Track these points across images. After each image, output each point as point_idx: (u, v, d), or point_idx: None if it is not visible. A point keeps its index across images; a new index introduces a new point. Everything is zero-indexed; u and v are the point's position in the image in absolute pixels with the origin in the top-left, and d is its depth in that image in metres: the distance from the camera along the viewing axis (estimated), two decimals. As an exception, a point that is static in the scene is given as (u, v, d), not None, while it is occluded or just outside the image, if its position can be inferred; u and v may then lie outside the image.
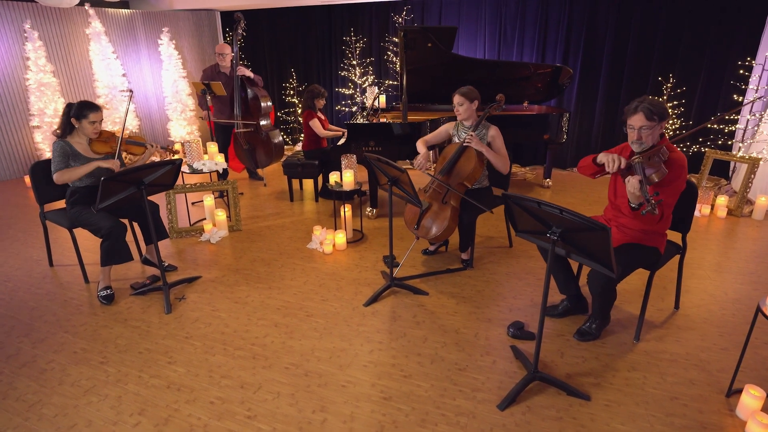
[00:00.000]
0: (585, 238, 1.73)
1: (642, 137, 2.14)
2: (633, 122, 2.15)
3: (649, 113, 2.09)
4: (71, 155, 2.79)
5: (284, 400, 2.03)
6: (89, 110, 2.78)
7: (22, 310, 2.77)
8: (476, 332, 2.52)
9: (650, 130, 2.12)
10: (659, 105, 2.11)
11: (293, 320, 2.65)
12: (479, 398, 2.04)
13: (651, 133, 2.13)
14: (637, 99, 2.17)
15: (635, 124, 2.14)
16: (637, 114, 2.12)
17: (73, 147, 2.79)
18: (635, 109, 2.13)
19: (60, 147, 2.76)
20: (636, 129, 2.14)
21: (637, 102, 2.15)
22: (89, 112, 2.77)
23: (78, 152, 2.81)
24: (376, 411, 1.97)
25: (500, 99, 3.22)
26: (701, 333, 2.50)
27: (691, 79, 4.95)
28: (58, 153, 2.76)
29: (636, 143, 2.18)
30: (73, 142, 2.81)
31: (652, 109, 2.09)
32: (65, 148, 2.77)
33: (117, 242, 2.78)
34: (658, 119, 2.10)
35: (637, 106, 2.13)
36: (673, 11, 4.87)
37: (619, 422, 1.90)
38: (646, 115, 2.10)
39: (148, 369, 2.24)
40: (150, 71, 6.33)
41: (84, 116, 2.77)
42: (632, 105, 2.16)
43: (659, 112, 2.10)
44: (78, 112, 2.77)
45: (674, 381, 2.14)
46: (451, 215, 2.97)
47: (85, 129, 2.79)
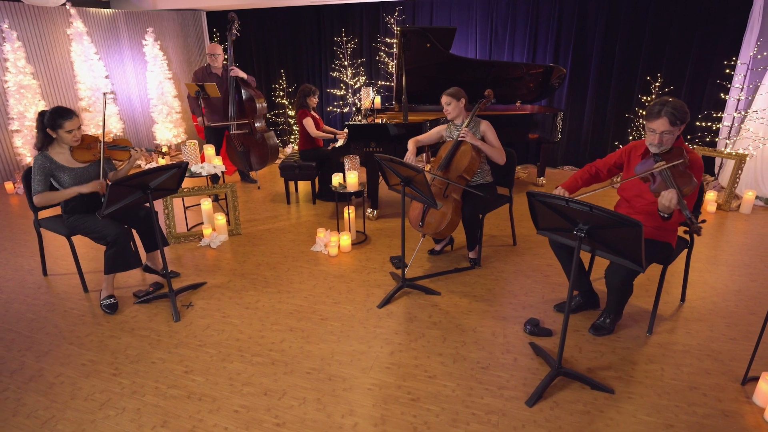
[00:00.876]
0: (613, 234, 1.76)
1: (663, 141, 2.14)
2: (655, 126, 2.12)
3: (673, 118, 2.07)
4: (55, 168, 2.66)
5: (311, 406, 1.99)
6: (63, 118, 2.59)
7: (20, 323, 2.64)
8: (493, 330, 2.53)
9: (672, 134, 2.12)
10: (682, 109, 2.09)
11: (308, 324, 2.61)
12: (506, 396, 2.05)
13: (672, 138, 2.14)
14: (659, 101, 2.13)
15: (657, 128, 2.11)
16: (661, 119, 2.09)
17: (54, 160, 2.65)
18: (658, 113, 2.10)
19: (39, 164, 2.62)
20: (658, 133, 2.12)
21: (659, 105, 2.11)
22: (63, 121, 2.59)
23: (60, 164, 2.67)
24: (406, 413, 1.95)
25: (488, 94, 3.28)
26: (709, 324, 2.57)
27: (677, 78, 5.11)
28: (38, 170, 2.62)
29: (654, 146, 2.19)
30: (53, 153, 2.67)
31: (675, 114, 2.07)
32: (45, 165, 2.62)
33: (124, 249, 2.68)
34: (680, 123, 2.10)
35: (660, 109, 2.09)
36: (660, 12, 5.01)
37: (644, 414, 1.94)
38: (671, 120, 2.08)
39: (165, 379, 2.17)
40: (134, 72, 6.15)
41: (59, 126, 2.59)
42: (654, 108, 2.12)
43: (682, 117, 2.09)
44: (52, 122, 2.59)
45: (690, 371, 2.20)
46: (454, 209, 2.99)
47: (63, 139, 2.64)
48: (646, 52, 5.19)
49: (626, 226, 1.64)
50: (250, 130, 4.87)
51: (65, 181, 2.70)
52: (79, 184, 2.73)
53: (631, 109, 5.42)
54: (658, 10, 5.02)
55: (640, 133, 5.37)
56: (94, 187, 2.69)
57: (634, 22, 5.16)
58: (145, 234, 2.97)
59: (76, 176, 2.72)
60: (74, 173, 2.71)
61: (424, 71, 4.64)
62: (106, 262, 2.69)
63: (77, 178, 2.73)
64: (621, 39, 5.25)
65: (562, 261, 2.60)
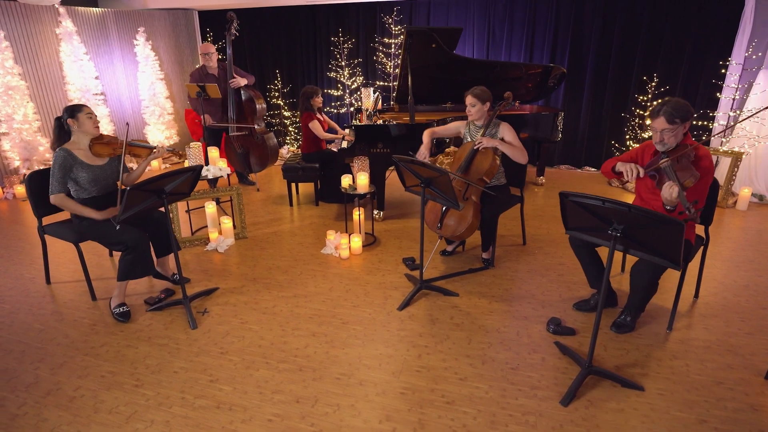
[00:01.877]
0: (651, 233, 1.77)
1: (665, 139, 2.20)
2: (655, 125, 2.20)
3: (671, 117, 2.15)
4: (75, 164, 2.58)
5: (346, 412, 1.96)
6: (79, 106, 2.61)
7: (28, 333, 2.53)
8: (517, 330, 2.54)
9: (672, 132, 2.18)
10: (682, 107, 2.16)
11: (330, 329, 2.57)
12: (540, 396, 2.05)
13: (673, 135, 2.19)
14: (662, 101, 2.23)
15: (657, 127, 2.20)
16: (659, 118, 2.18)
17: (74, 155, 2.59)
18: (657, 113, 2.19)
19: (61, 158, 2.55)
20: (658, 131, 2.20)
21: (659, 105, 2.20)
22: (81, 106, 2.62)
23: (81, 160, 2.60)
24: (443, 416, 1.94)
25: (508, 96, 3.28)
26: (724, 320, 2.63)
27: (672, 78, 5.22)
28: (59, 167, 2.54)
29: (660, 144, 2.24)
30: (72, 149, 2.60)
31: (673, 113, 2.15)
32: (66, 160, 2.55)
33: (144, 254, 2.61)
34: (680, 121, 2.16)
35: (659, 109, 2.18)
36: (655, 13, 5.11)
37: (677, 410, 1.97)
38: (668, 119, 2.16)
39: (190, 389, 2.10)
40: (124, 73, 5.99)
41: (78, 110, 2.59)
42: (655, 108, 2.21)
43: (681, 115, 2.15)
44: (70, 112, 2.59)
45: (714, 366, 2.24)
46: (474, 212, 2.99)
47: (84, 125, 2.59)
48: (641, 52, 5.29)
49: (668, 225, 1.66)
50: (249, 131, 4.79)
51: (83, 178, 2.61)
52: (96, 183, 2.65)
53: (626, 108, 5.52)
54: (653, 12, 5.12)
55: (635, 132, 5.48)
56: (109, 214, 2.64)
57: (629, 22, 5.25)
58: (158, 239, 2.88)
59: (94, 174, 2.64)
60: (92, 171, 2.63)
61: (425, 71, 4.63)
62: (121, 268, 2.60)
63: (95, 177, 2.64)
64: (617, 39, 5.35)
65: (582, 260, 2.63)
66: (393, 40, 6.04)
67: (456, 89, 4.92)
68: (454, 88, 4.87)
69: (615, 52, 5.40)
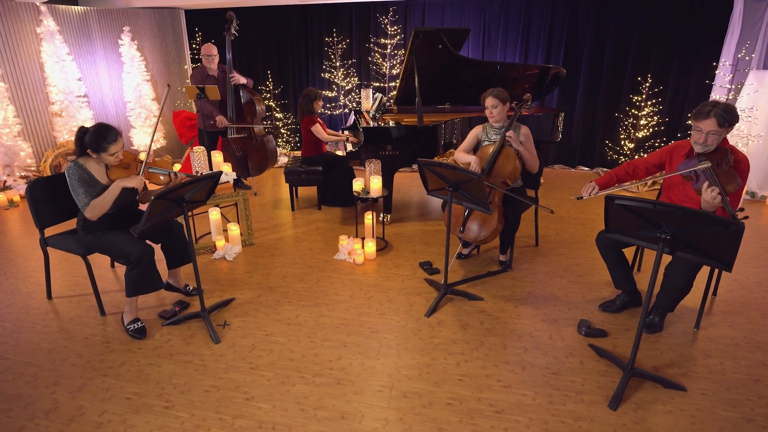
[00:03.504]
0: (702, 236, 1.77)
1: (708, 141, 2.19)
2: (703, 126, 2.18)
3: (722, 120, 2.13)
4: (88, 182, 2.40)
5: (396, 427, 1.89)
6: (107, 141, 2.32)
7: (37, 354, 2.36)
8: (549, 334, 2.53)
9: (718, 135, 2.18)
10: (732, 111, 2.15)
11: (360, 338, 2.49)
12: (587, 401, 2.03)
13: (718, 138, 2.20)
14: (710, 102, 2.20)
15: (705, 128, 2.17)
16: (710, 119, 2.15)
17: (89, 171, 2.41)
18: (707, 114, 2.15)
19: (76, 173, 2.36)
20: (704, 133, 2.18)
21: (710, 106, 2.17)
22: (108, 145, 2.33)
23: (94, 178, 2.42)
24: (496, 426, 1.89)
25: (527, 98, 3.27)
26: (746, 317, 2.69)
27: (664, 78, 5.35)
28: (78, 183, 2.35)
29: (699, 145, 2.25)
30: (88, 165, 2.41)
31: (725, 116, 2.13)
32: (82, 174, 2.37)
33: (148, 269, 2.45)
34: (728, 125, 2.16)
35: (710, 110, 2.15)
36: (647, 15, 5.23)
37: (722, 409, 1.99)
38: (719, 121, 2.14)
39: (226, 409, 1.99)
40: (107, 74, 5.71)
41: (103, 150, 2.34)
42: (704, 108, 2.18)
43: (730, 119, 2.15)
44: (95, 146, 2.33)
45: (747, 364, 2.28)
46: (498, 215, 2.96)
47: (105, 160, 2.40)
48: (634, 53, 5.41)
49: (727, 227, 1.66)
50: (248, 133, 4.65)
51: (93, 195, 2.44)
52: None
53: (620, 108, 5.63)
54: (645, 13, 5.24)
55: (629, 132, 5.59)
56: (138, 182, 2.43)
57: (622, 24, 5.35)
58: (171, 249, 2.73)
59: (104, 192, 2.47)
60: (103, 189, 2.44)
61: (425, 72, 4.58)
62: (128, 283, 2.45)
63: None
64: (610, 40, 5.44)
65: (609, 262, 2.64)
66: (389, 40, 5.97)
67: (455, 90, 4.91)
68: (453, 89, 4.85)
69: (609, 52, 5.50)
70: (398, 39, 5.97)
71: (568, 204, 4.69)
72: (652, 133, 5.44)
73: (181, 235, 2.73)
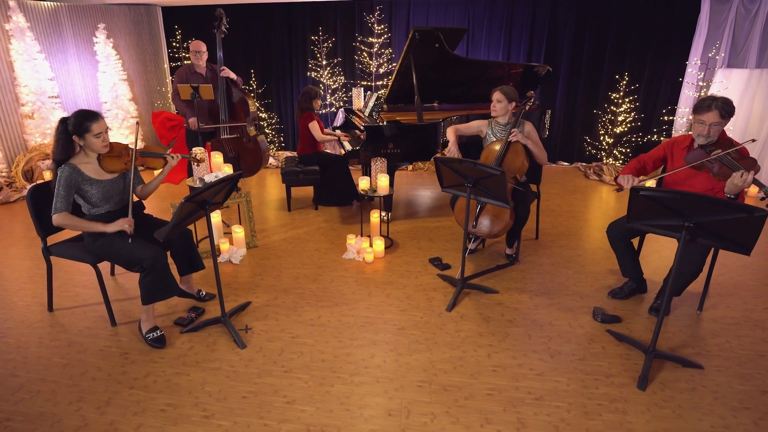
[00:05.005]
0: (724, 223, 1.90)
1: (711, 132, 2.37)
2: (705, 118, 2.35)
3: (723, 111, 2.31)
4: (82, 181, 2.30)
5: (444, 420, 1.92)
6: (88, 120, 2.26)
7: (51, 370, 2.23)
8: (568, 322, 2.63)
9: (720, 126, 2.36)
10: (730, 103, 2.33)
11: (388, 336, 2.51)
12: (617, 383, 2.14)
13: (719, 129, 2.38)
14: (709, 97, 2.37)
15: (707, 120, 2.34)
16: (711, 111, 2.32)
17: (81, 171, 2.30)
18: (709, 107, 2.32)
19: (66, 176, 2.25)
20: (707, 125, 2.35)
21: (710, 100, 2.34)
22: (90, 123, 2.26)
23: (89, 176, 2.32)
24: (538, 413, 1.96)
25: (531, 96, 3.38)
26: (740, 298, 2.89)
27: (639, 77, 5.63)
28: (64, 184, 2.25)
29: (702, 137, 2.41)
30: (80, 164, 2.31)
31: (725, 107, 2.31)
32: (72, 177, 2.27)
33: (163, 274, 2.35)
34: (728, 116, 2.34)
35: (711, 103, 2.32)
36: (622, 17, 5.49)
37: (738, 383, 2.14)
38: (721, 113, 2.31)
39: (269, 414, 1.96)
40: (80, 73, 5.41)
41: (86, 129, 2.26)
42: (705, 102, 2.35)
43: (730, 110, 2.33)
44: (77, 127, 2.25)
45: (751, 341, 2.46)
46: (510, 211, 3.04)
47: (91, 145, 2.29)
48: (610, 53, 5.67)
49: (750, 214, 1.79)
50: (241, 133, 4.54)
51: (93, 195, 2.33)
52: (109, 198, 2.39)
53: (598, 105, 5.89)
54: (619, 16, 5.50)
55: (607, 128, 5.85)
56: (121, 225, 2.33)
57: (599, 25, 5.60)
58: (182, 256, 2.64)
59: (104, 190, 2.36)
60: (102, 186, 2.35)
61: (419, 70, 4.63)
62: (143, 291, 2.35)
63: (105, 192, 2.37)
64: (588, 41, 5.68)
65: (618, 251, 2.77)
66: (376, 39, 5.98)
67: (444, 88, 4.98)
68: (442, 88, 4.92)
69: (587, 52, 5.73)
70: (384, 38, 5.99)
71: (557, 198, 4.86)
72: (629, 128, 5.72)
73: (190, 241, 2.65)
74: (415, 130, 3.94)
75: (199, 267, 2.67)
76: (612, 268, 3.27)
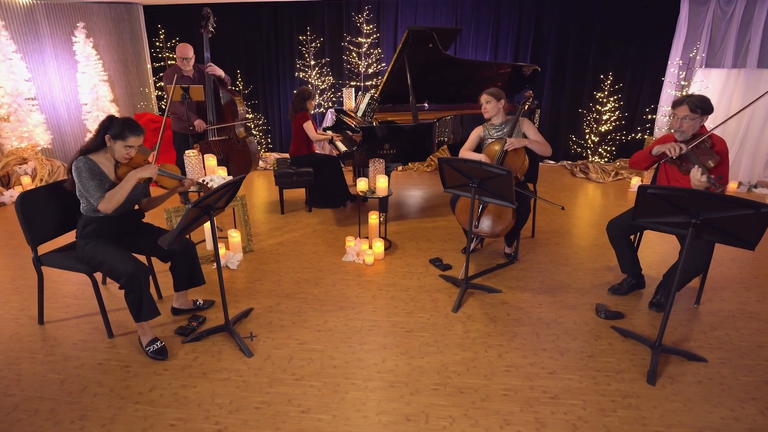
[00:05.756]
0: (729, 220, 1.95)
1: (683, 126, 2.49)
2: (678, 112, 2.52)
3: (693, 106, 2.46)
4: (99, 175, 2.25)
5: (464, 423, 1.91)
6: (131, 132, 2.25)
7: (48, 387, 2.12)
8: (573, 320, 2.66)
9: (692, 120, 2.48)
10: (703, 100, 2.47)
11: (397, 339, 2.48)
12: (627, 378, 2.17)
13: (692, 125, 2.49)
14: (685, 95, 2.55)
15: (679, 113, 2.51)
16: (683, 105, 2.49)
17: (98, 165, 2.25)
18: (680, 102, 2.51)
19: (87, 166, 2.21)
20: (680, 118, 2.51)
21: (685, 96, 2.52)
22: (130, 135, 2.25)
23: (104, 173, 2.27)
24: (556, 411, 1.97)
25: (529, 96, 3.41)
26: (732, 291, 2.98)
27: (622, 76, 5.77)
28: (88, 172, 2.20)
29: (678, 131, 2.54)
30: (97, 160, 2.26)
31: (696, 102, 2.46)
32: (93, 166, 2.23)
33: (140, 294, 2.22)
34: (700, 112, 2.46)
35: (683, 99, 2.50)
36: (605, 18, 5.61)
37: (742, 375, 2.20)
38: (690, 107, 2.46)
39: (285, 425, 1.91)
40: (58, 74, 5.19)
41: (122, 137, 2.24)
42: (678, 99, 2.54)
43: (702, 107, 2.46)
44: (118, 131, 2.23)
45: (748, 333, 2.53)
46: (512, 210, 3.06)
47: (116, 152, 2.26)
48: (594, 53, 5.79)
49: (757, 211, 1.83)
50: (229, 135, 4.44)
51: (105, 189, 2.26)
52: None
53: (583, 104, 6.00)
54: (602, 17, 5.61)
55: (592, 126, 5.97)
56: (152, 172, 2.31)
57: (583, 26, 5.70)
58: (182, 269, 2.52)
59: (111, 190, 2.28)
60: (110, 187, 2.27)
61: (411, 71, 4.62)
62: (129, 308, 2.26)
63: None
64: (572, 42, 5.78)
65: (618, 248, 2.83)
66: (365, 39, 5.94)
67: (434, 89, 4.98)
68: (432, 88, 4.92)
69: (571, 52, 5.84)
70: (373, 38, 5.96)
71: (547, 196, 4.93)
72: (614, 127, 5.85)
73: (193, 253, 2.56)
74: (412, 131, 3.93)
75: (200, 282, 2.59)
76: (608, 265, 3.33)
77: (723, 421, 1.93)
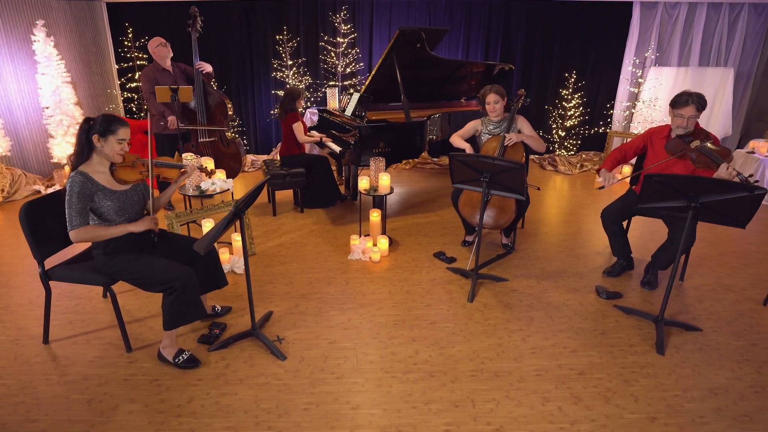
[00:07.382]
0: (725, 202, 2.20)
1: (689, 124, 2.72)
2: (684, 112, 2.69)
3: (699, 106, 2.66)
4: (96, 190, 2.11)
5: (509, 403, 2.03)
6: (119, 123, 2.13)
7: (75, 409, 2.00)
8: (579, 301, 2.86)
9: (696, 119, 2.71)
10: (703, 97, 2.69)
11: (423, 331, 2.57)
12: (640, 351, 2.38)
13: (695, 121, 2.73)
14: (684, 93, 2.70)
15: (685, 113, 2.68)
16: (689, 106, 2.66)
17: (94, 180, 2.11)
18: (686, 102, 2.67)
19: (78, 185, 2.05)
20: (686, 118, 2.70)
21: (686, 96, 2.68)
22: (119, 126, 2.12)
23: (102, 186, 2.13)
24: (587, 386, 2.14)
25: (521, 94, 3.59)
26: (708, 267, 3.32)
27: (583, 75, 6.16)
28: (78, 197, 2.05)
29: (681, 128, 2.75)
30: (92, 173, 2.12)
31: (701, 102, 2.66)
32: (85, 186, 2.07)
33: (193, 295, 2.19)
34: (701, 110, 2.70)
35: (687, 99, 2.67)
36: (566, 22, 5.97)
37: (733, 340, 2.48)
38: (697, 107, 2.66)
39: (339, 423, 1.94)
40: (14, 76, 4.79)
41: (111, 131, 2.10)
42: (682, 98, 2.69)
43: (704, 105, 2.69)
44: (104, 127, 2.09)
45: (728, 303, 2.85)
46: (514, 202, 3.22)
47: (110, 149, 2.12)
48: (557, 53, 6.13)
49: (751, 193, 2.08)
50: (219, 137, 4.32)
51: (107, 207, 2.13)
52: (123, 211, 2.19)
53: (549, 101, 6.34)
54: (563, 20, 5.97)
55: (558, 122, 6.33)
56: (147, 224, 2.20)
57: (547, 28, 6.03)
58: (206, 272, 2.46)
59: (119, 202, 2.17)
60: (117, 198, 2.16)
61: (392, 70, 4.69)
62: (169, 315, 2.17)
63: (120, 205, 2.17)
64: (537, 43, 6.10)
65: (612, 234, 3.07)
66: (342, 39, 5.94)
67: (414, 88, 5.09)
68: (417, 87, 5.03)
69: (537, 52, 6.15)
70: (350, 38, 5.97)
71: (527, 188, 5.19)
72: (578, 122, 6.24)
73: (216, 255, 2.51)
74: (406, 129, 4.01)
75: (223, 283, 2.53)
76: (596, 250, 3.59)
77: (728, 381, 2.17)
